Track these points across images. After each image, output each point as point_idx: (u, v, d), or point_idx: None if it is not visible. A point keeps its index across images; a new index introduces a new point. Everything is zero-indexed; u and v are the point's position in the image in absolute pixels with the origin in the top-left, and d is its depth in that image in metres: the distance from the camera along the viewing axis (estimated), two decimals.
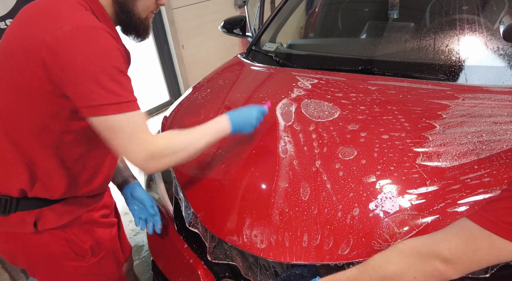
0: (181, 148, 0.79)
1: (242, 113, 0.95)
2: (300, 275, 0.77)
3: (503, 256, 0.52)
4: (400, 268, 0.59)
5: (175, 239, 1.05)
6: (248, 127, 0.95)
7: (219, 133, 0.89)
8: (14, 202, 0.79)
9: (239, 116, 0.94)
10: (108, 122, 0.69)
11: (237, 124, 0.92)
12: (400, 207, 0.78)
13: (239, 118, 0.93)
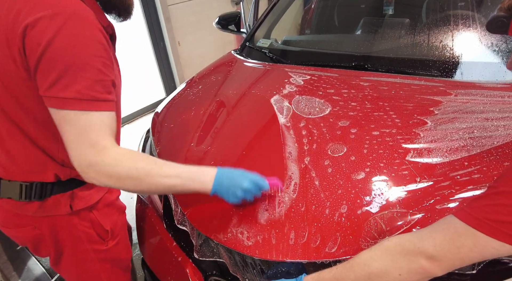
0: (133, 177, 0.69)
1: (232, 176, 0.77)
2: (287, 273, 0.76)
3: (486, 253, 0.51)
4: (385, 265, 0.58)
5: (164, 237, 1.04)
6: (230, 196, 0.76)
7: (193, 185, 0.75)
8: (49, 186, 0.80)
9: (226, 178, 0.77)
10: (65, 116, 0.65)
11: (220, 187, 0.76)
12: (389, 204, 0.77)
13: (224, 181, 0.76)
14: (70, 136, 0.66)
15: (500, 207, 0.50)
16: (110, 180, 0.68)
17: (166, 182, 0.72)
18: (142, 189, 0.72)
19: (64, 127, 0.66)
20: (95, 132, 0.66)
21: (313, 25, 2.11)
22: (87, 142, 0.65)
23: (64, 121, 0.65)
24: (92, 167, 0.66)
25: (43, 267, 1.85)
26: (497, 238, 0.49)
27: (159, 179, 0.71)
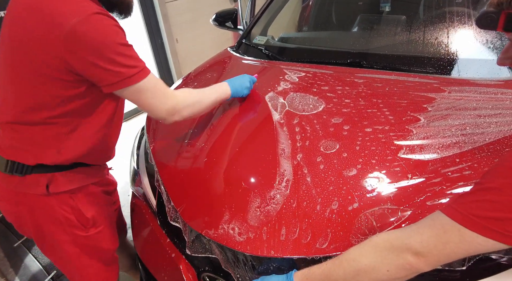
0: (197, 101, 0.97)
1: (237, 79, 1.16)
2: (278, 268, 0.76)
3: (471, 249, 0.51)
4: (374, 261, 0.59)
5: (158, 233, 1.04)
6: (245, 90, 1.16)
7: (222, 95, 1.08)
8: (30, 167, 0.88)
9: (236, 82, 1.14)
10: (131, 91, 0.82)
11: (235, 88, 1.12)
12: (380, 201, 0.77)
13: (235, 84, 1.13)
14: (148, 99, 0.85)
15: (485, 203, 0.50)
16: (188, 109, 0.94)
17: (212, 97, 1.03)
18: (204, 107, 1.01)
19: (140, 97, 0.84)
20: (160, 88, 0.87)
21: (311, 22, 2.11)
22: (161, 95, 0.87)
23: (138, 93, 0.83)
24: (174, 108, 0.89)
25: (40, 264, 1.85)
26: (482, 233, 0.50)
27: (208, 96, 1.02)
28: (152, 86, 0.84)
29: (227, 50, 1.77)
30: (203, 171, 0.96)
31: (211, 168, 0.96)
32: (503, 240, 0.49)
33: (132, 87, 0.81)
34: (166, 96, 0.87)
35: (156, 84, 0.85)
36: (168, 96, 0.88)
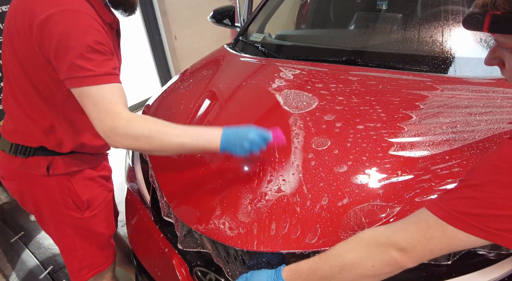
0: (146, 135, 0.77)
1: (237, 131, 0.83)
2: (267, 263, 0.77)
3: (453, 245, 0.52)
4: (359, 257, 0.59)
5: (152, 228, 1.05)
6: (238, 148, 0.81)
7: (202, 143, 0.81)
8: (32, 149, 0.94)
9: (232, 134, 0.82)
10: (83, 93, 0.77)
11: (227, 142, 0.81)
12: (369, 197, 0.78)
13: (230, 136, 0.82)
14: (89, 108, 0.77)
15: (467, 200, 0.51)
16: (128, 139, 0.77)
17: (176, 139, 0.80)
18: (156, 146, 0.80)
19: (83, 102, 0.78)
20: (107, 101, 0.77)
21: (308, 20, 2.11)
22: (103, 110, 0.76)
23: (83, 97, 0.77)
24: (112, 131, 0.77)
25: (37, 259, 1.87)
26: (463, 229, 0.50)
27: (170, 137, 0.80)
28: (98, 97, 0.76)
29: (223, 47, 1.77)
30: (197, 166, 0.97)
31: (204, 164, 0.97)
32: (484, 235, 0.49)
33: (79, 89, 0.77)
34: (108, 113, 0.76)
35: (104, 98, 0.76)
36: (111, 115, 0.76)
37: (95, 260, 1.11)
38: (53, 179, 0.97)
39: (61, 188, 0.98)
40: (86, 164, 1.03)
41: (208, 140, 0.82)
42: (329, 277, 0.62)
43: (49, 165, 0.95)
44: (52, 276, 1.76)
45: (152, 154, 0.88)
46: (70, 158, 0.98)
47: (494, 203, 0.48)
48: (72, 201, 1.00)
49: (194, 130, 0.85)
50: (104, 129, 0.77)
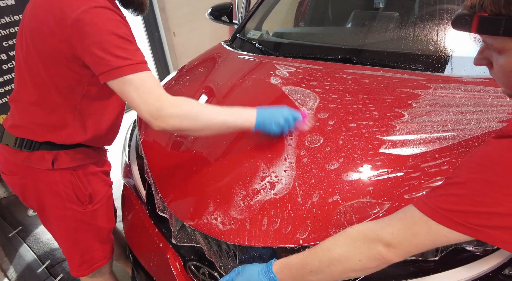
0: (192, 116, 0.82)
1: (271, 110, 0.92)
2: (259, 257, 0.79)
3: (438, 241, 0.54)
4: (347, 251, 0.61)
5: (147, 223, 1.07)
6: (273, 125, 0.89)
7: (241, 121, 0.88)
8: (38, 143, 0.96)
9: (267, 112, 0.90)
10: (124, 82, 0.80)
11: (262, 119, 0.89)
12: (359, 194, 0.79)
13: (265, 114, 0.90)
14: (132, 95, 0.80)
15: (451, 197, 0.52)
16: (175, 119, 0.81)
17: (218, 118, 0.85)
18: (200, 125, 0.84)
19: (125, 91, 0.81)
20: (149, 85, 0.81)
21: (306, 17, 2.12)
22: (146, 93, 0.80)
23: (124, 86, 0.80)
24: (158, 112, 0.80)
25: (35, 253, 1.88)
26: (447, 225, 0.52)
27: (212, 115, 0.85)
28: (139, 83, 0.80)
29: (220, 45, 1.78)
30: (191, 162, 0.98)
31: (198, 160, 0.98)
32: (466, 231, 0.51)
33: (119, 79, 0.80)
34: (152, 96, 0.80)
35: (145, 82, 0.81)
36: (155, 98, 0.80)
37: (95, 255, 1.12)
38: (58, 173, 0.99)
39: (65, 182, 1.00)
40: (89, 158, 1.05)
41: (246, 118, 0.88)
42: (318, 271, 0.64)
43: (54, 159, 0.97)
44: (50, 270, 1.77)
45: (195, 133, 0.89)
46: (74, 152, 1.00)
47: (476, 200, 0.50)
48: (75, 195, 1.02)
49: (232, 109, 0.90)
50: (151, 111, 0.80)
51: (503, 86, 0.59)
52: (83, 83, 0.90)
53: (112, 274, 1.28)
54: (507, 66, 0.54)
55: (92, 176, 1.07)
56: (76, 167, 1.01)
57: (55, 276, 1.73)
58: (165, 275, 0.98)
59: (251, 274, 0.72)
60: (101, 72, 0.80)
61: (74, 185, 1.02)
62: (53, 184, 1.00)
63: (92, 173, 1.07)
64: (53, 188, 1.00)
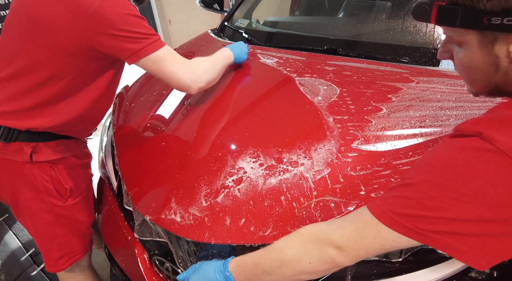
0: (210, 65, 1.03)
1: (237, 45, 1.22)
2: (218, 254, 0.77)
3: (387, 245, 0.51)
4: (298, 253, 0.58)
5: (117, 216, 1.05)
6: (244, 55, 1.22)
7: (228, 60, 1.14)
8: (16, 133, 0.91)
9: (236, 48, 1.20)
10: (152, 59, 0.88)
11: (237, 54, 1.18)
12: (326, 192, 0.76)
13: (236, 49, 1.19)
14: (169, 68, 0.91)
15: (401, 199, 0.49)
16: (206, 74, 1.00)
17: (220, 63, 1.09)
18: (217, 74, 1.07)
19: (161, 66, 0.90)
20: (177, 56, 0.94)
21: (302, 6, 2.05)
22: (180, 63, 0.93)
23: (159, 61, 0.89)
24: (194, 74, 0.95)
25: (20, 241, 1.89)
26: (396, 229, 0.49)
27: (218, 62, 1.08)
28: (171, 55, 0.91)
29: (207, 33, 1.73)
30: (159, 156, 0.96)
31: (167, 153, 0.95)
32: (414, 236, 0.48)
33: (153, 55, 0.87)
34: (184, 63, 0.94)
35: (173, 53, 0.92)
36: (186, 64, 0.94)
37: (74, 248, 1.09)
38: (36, 166, 0.95)
39: (44, 175, 0.96)
40: (69, 151, 1.02)
41: (229, 57, 1.16)
42: (270, 272, 0.61)
43: (33, 152, 0.93)
44: (34, 258, 1.78)
45: (214, 82, 1.07)
46: (54, 145, 0.97)
47: (424, 204, 0.46)
48: (54, 189, 0.99)
49: (218, 54, 1.13)
50: (189, 76, 0.93)
51: (465, 81, 0.55)
52: (83, 73, 0.89)
53: (90, 268, 1.23)
54: (466, 61, 0.50)
55: (73, 169, 1.03)
56: (55, 160, 0.98)
57: (38, 264, 1.73)
58: (133, 269, 0.96)
59: (207, 271, 0.69)
60: (133, 52, 0.85)
61: (53, 179, 0.98)
62: (32, 177, 0.96)
63: (73, 166, 1.03)
64: (31, 182, 0.96)
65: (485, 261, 0.45)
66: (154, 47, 0.87)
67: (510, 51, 0.44)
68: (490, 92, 0.52)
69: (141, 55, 0.86)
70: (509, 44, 0.44)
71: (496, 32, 0.44)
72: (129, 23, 0.83)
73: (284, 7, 2.22)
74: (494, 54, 0.46)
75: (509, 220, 0.42)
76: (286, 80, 1.13)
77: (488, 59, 0.47)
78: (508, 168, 0.40)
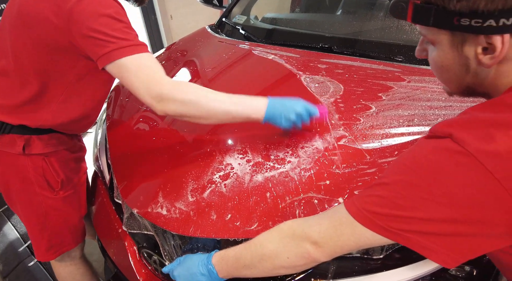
0: (193, 100, 0.78)
1: (284, 101, 0.83)
2: (203, 247, 0.78)
3: (361, 242, 0.51)
4: (276, 247, 0.59)
5: (109, 208, 1.07)
6: (282, 120, 0.81)
7: (247, 111, 0.81)
8: (8, 126, 0.91)
9: (279, 103, 0.83)
10: (118, 65, 0.78)
11: (272, 111, 0.81)
12: (311, 189, 0.77)
13: (276, 105, 0.82)
14: (132, 78, 0.78)
15: (376, 198, 0.50)
16: (176, 104, 0.78)
17: (222, 106, 0.80)
18: (202, 113, 0.80)
19: (124, 74, 0.79)
20: (149, 69, 0.79)
21: (302, 2, 2.05)
22: (147, 77, 0.78)
23: (123, 69, 0.78)
24: (159, 96, 0.77)
25: (18, 232, 1.91)
26: (370, 228, 0.49)
27: (215, 103, 0.80)
28: (140, 66, 0.78)
29: (204, 29, 1.73)
30: (150, 150, 0.97)
31: (157, 148, 0.97)
32: (387, 235, 0.49)
33: (118, 62, 0.77)
34: (153, 79, 0.78)
35: (146, 66, 0.78)
36: (156, 81, 0.78)
37: (64, 239, 1.11)
38: (28, 158, 0.96)
39: (36, 167, 0.97)
40: (62, 145, 1.02)
41: (253, 109, 0.82)
42: (250, 266, 0.62)
43: (25, 144, 0.94)
44: (31, 249, 1.80)
45: (198, 120, 0.82)
46: (47, 138, 0.97)
47: (397, 203, 0.47)
48: (46, 181, 1.00)
49: (239, 98, 0.83)
50: (152, 95, 0.77)
51: (439, 80, 0.56)
52: (73, 71, 0.88)
53: (83, 259, 1.24)
54: (438, 61, 0.50)
55: (65, 162, 1.04)
56: (48, 153, 0.98)
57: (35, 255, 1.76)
58: (123, 262, 0.98)
59: (191, 264, 0.71)
60: (99, 56, 0.78)
61: (45, 171, 0.99)
62: (23, 169, 0.97)
63: (65, 160, 1.04)
64: (22, 173, 0.97)
65: (453, 260, 0.45)
66: (121, 53, 0.77)
67: (477, 53, 0.45)
68: (463, 92, 0.53)
69: (105, 61, 0.78)
70: (477, 45, 0.45)
71: (465, 33, 0.45)
72: (102, 24, 0.76)
73: (282, 4, 2.22)
74: (464, 55, 0.47)
75: (475, 221, 0.42)
76: (284, 77, 1.14)
77: (459, 60, 0.48)
78: (476, 170, 0.41)
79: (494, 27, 0.41)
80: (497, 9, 0.40)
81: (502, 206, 0.40)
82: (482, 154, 0.40)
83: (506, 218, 0.41)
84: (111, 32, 0.77)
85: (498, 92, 0.48)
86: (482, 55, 0.45)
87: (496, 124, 0.41)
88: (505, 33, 0.42)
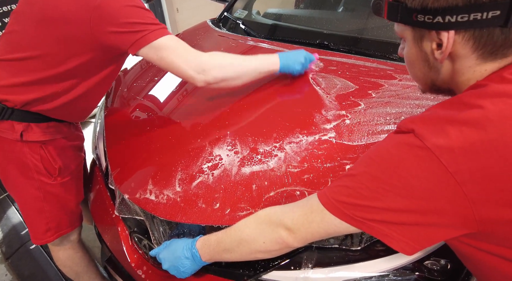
0: (229, 63, 0.93)
1: (291, 52, 1.05)
2: (188, 233, 0.82)
3: (330, 230, 0.54)
4: (253, 233, 0.63)
5: (104, 195, 1.11)
6: (297, 65, 1.03)
7: (267, 65, 1.00)
8: (9, 111, 0.95)
9: (287, 54, 1.03)
10: (153, 49, 0.85)
11: (285, 61, 1.01)
12: (294, 182, 0.79)
13: (286, 56, 1.02)
14: (171, 58, 0.87)
15: (344, 189, 0.53)
16: (216, 69, 0.90)
17: (249, 65, 0.97)
18: (239, 72, 0.95)
19: (162, 55, 0.86)
20: (182, 45, 0.89)
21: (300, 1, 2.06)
22: (185, 52, 0.88)
23: (160, 50, 0.86)
24: (200, 66, 0.88)
25: (21, 216, 1.98)
26: (338, 216, 0.52)
27: (245, 62, 0.97)
28: (174, 44, 0.87)
29: (205, 22, 1.76)
30: (142, 139, 1.00)
31: (151, 136, 1.00)
32: (353, 223, 0.51)
33: (154, 43, 0.85)
34: (189, 53, 0.89)
35: (177, 43, 0.88)
36: (192, 54, 0.89)
37: (61, 222, 1.14)
38: (26, 145, 0.99)
39: (34, 154, 1.00)
40: (60, 133, 1.05)
41: (270, 63, 1.00)
42: (230, 250, 0.66)
43: (23, 131, 0.97)
44: None
45: (232, 82, 0.95)
46: (45, 126, 1.00)
47: (361, 194, 0.50)
48: (44, 167, 1.03)
49: (257, 57, 1.00)
50: (193, 68, 0.87)
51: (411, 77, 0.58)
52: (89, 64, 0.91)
53: (81, 243, 1.28)
54: (406, 56, 0.53)
55: (63, 150, 1.07)
56: (46, 140, 1.02)
57: None
58: (117, 246, 1.02)
59: (176, 248, 0.74)
60: (133, 42, 0.84)
61: (43, 158, 1.02)
62: (21, 155, 1.00)
63: (63, 147, 1.08)
64: (20, 159, 1.00)
65: (411, 247, 0.48)
66: (156, 35, 0.85)
67: (433, 48, 0.47)
68: (430, 89, 0.55)
69: (142, 44, 0.84)
70: (432, 41, 0.47)
71: (422, 29, 0.47)
72: (131, 15, 0.83)
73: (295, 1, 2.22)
74: (424, 50, 0.49)
75: (431, 211, 0.45)
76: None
77: (421, 55, 0.50)
78: (432, 164, 0.43)
79: (441, 23, 0.44)
80: (442, 7, 0.43)
81: (455, 198, 0.43)
82: (438, 149, 0.43)
83: (457, 209, 0.43)
84: (141, 20, 0.84)
85: (460, 90, 0.50)
86: (436, 50, 0.47)
87: (451, 121, 0.44)
88: (450, 29, 0.44)
